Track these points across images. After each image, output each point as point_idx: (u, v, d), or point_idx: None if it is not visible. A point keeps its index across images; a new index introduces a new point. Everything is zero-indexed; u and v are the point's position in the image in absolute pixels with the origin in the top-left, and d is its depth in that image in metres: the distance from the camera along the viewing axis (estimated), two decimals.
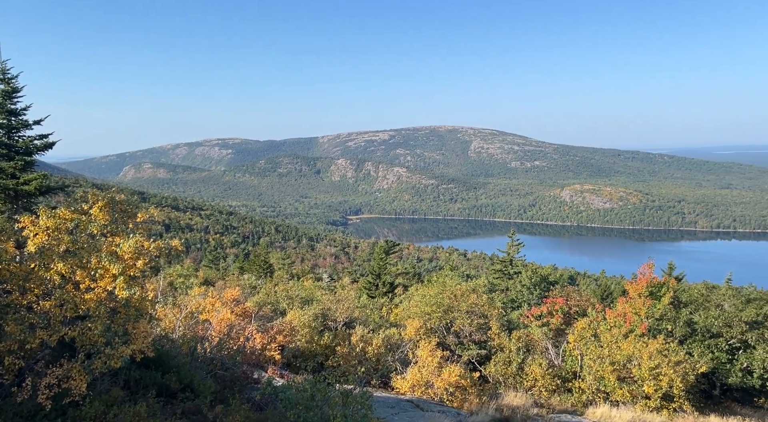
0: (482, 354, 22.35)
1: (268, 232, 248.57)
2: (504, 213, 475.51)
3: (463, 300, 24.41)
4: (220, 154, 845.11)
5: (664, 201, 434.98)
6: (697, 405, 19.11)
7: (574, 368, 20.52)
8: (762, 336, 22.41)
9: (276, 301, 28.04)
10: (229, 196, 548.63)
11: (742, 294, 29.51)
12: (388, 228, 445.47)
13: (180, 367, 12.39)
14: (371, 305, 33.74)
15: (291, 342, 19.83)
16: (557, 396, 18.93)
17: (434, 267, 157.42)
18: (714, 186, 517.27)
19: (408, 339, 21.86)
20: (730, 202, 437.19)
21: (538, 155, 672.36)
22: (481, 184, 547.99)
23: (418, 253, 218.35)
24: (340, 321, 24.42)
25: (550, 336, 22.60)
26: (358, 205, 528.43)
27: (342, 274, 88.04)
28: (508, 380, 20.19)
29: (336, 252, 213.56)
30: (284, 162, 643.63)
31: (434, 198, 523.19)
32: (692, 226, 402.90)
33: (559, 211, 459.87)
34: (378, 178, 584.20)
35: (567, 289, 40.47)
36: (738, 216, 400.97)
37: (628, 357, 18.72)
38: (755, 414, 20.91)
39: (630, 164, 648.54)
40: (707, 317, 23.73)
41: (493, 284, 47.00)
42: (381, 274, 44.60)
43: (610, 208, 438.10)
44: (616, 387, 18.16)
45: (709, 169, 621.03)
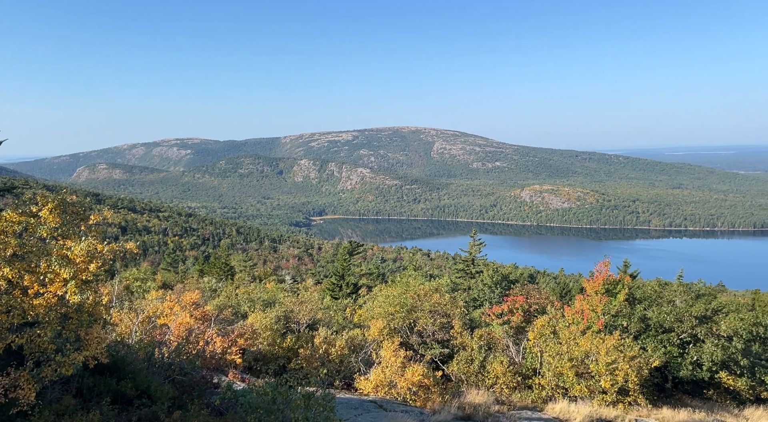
0: (445, 353, 22.53)
1: (229, 234, 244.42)
2: (466, 213, 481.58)
3: (426, 299, 24.56)
4: (179, 154, 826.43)
5: (620, 200, 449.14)
6: (651, 398, 19.75)
7: (534, 365, 20.92)
8: (710, 330, 23.35)
9: (237, 304, 27.58)
10: (188, 197, 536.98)
11: (692, 290, 30.74)
12: (352, 229, 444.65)
13: (136, 373, 12.03)
14: (335, 306, 33.58)
15: (252, 345, 19.53)
16: (518, 393, 19.25)
17: (398, 267, 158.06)
18: (666, 186, 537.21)
19: (372, 340, 21.84)
20: (681, 202, 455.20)
21: (498, 156, 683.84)
22: (444, 185, 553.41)
23: (382, 254, 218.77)
24: (303, 323, 24.20)
25: (510, 334, 22.97)
26: (322, 205, 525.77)
27: (305, 276, 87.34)
28: (470, 378, 20.41)
29: (299, 253, 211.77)
30: (245, 162, 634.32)
31: (398, 198, 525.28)
32: (646, 225, 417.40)
33: (520, 210, 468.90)
34: (342, 179, 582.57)
35: (527, 288, 41.27)
36: (688, 215, 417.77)
37: (586, 353, 19.19)
38: (704, 406, 21.78)
39: (587, 165, 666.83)
40: (660, 313, 24.56)
41: (455, 283, 47.46)
42: (345, 275, 44.45)
43: (568, 208, 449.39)
44: (575, 382, 18.60)
45: (661, 169, 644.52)
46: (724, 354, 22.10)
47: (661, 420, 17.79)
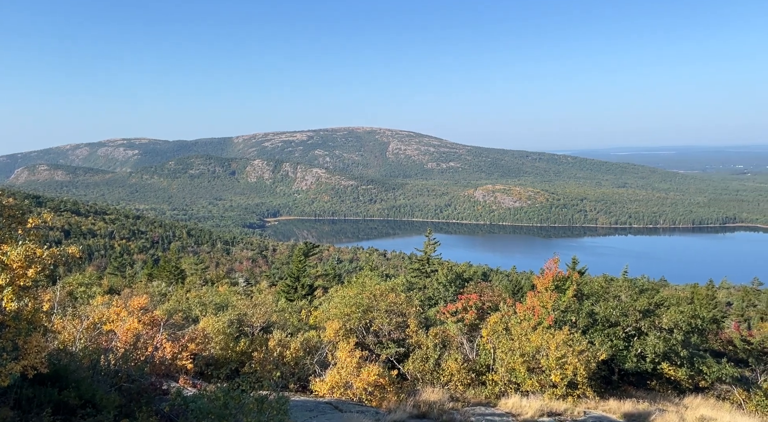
0: (401, 352, 22.65)
1: (179, 237, 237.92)
2: (422, 213, 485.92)
3: (382, 299, 24.62)
4: (126, 154, 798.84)
5: (568, 199, 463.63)
6: (598, 390, 20.45)
7: (487, 361, 21.30)
8: (653, 323, 24.41)
9: (188, 308, 26.87)
10: (136, 199, 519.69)
11: (636, 286, 32.02)
12: (307, 230, 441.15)
13: (80, 382, 11.53)
14: (290, 308, 33.20)
15: (204, 349, 19.08)
16: (472, 390, 19.56)
17: (354, 267, 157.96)
18: (612, 185, 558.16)
19: (327, 341, 21.72)
20: (626, 200, 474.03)
21: (452, 156, 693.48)
22: (400, 185, 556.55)
23: (338, 254, 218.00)
24: (257, 326, 23.81)
25: (465, 332, 23.29)
26: (276, 206, 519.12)
27: (260, 278, 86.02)
28: (425, 376, 20.59)
29: (253, 255, 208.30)
30: (196, 163, 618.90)
31: (354, 199, 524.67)
32: (593, 223, 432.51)
33: (473, 210, 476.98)
34: (296, 179, 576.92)
35: (480, 285, 41.95)
36: (633, 213, 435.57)
37: (537, 348, 19.67)
38: (648, 396, 22.76)
39: (537, 165, 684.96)
40: (606, 307, 25.49)
41: (411, 282, 47.75)
42: (300, 277, 44.03)
43: (519, 207, 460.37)
44: (526, 377, 19.05)
45: (607, 169, 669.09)
46: (666, 346, 23.15)
47: (608, 411, 18.46)
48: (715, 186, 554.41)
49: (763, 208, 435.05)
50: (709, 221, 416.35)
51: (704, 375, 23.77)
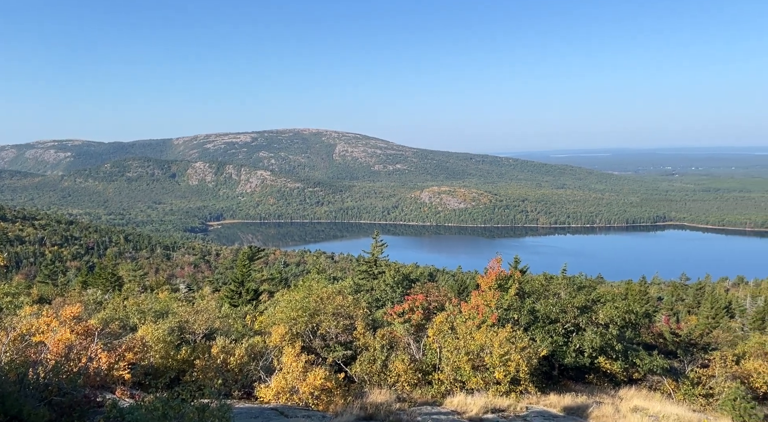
0: (348, 354, 22.56)
1: (116, 242, 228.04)
2: (369, 215, 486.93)
3: (330, 302, 24.45)
4: (57, 157, 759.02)
5: (511, 200, 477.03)
6: (540, 385, 21.08)
7: (433, 361, 21.56)
8: (590, 319, 25.42)
9: (125, 316, 25.75)
10: (69, 203, 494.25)
11: (575, 283, 33.31)
12: (252, 234, 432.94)
13: (5, 397, 10.82)
14: (234, 314, 32.44)
15: (143, 358, 18.33)
16: (419, 389, 19.72)
17: (302, 271, 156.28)
18: (551, 186, 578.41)
19: (273, 346, 21.35)
20: (565, 201, 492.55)
21: (399, 159, 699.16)
22: (347, 187, 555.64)
23: (284, 258, 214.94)
24: (199, 333, 23.10)
25: (411, 332, 23.48)
26: (220, 210, 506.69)
27: (202, 284, 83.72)
28: (373, 378, 20.59)
29: (195, 260, 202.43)
30: (134, 165, 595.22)
31: (300, 201, 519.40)
32: (534, 223, 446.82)
33: (420, 211, 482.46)
34: (241, 182, 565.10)
35: (427, 286, 42.42)
36: (571, 213, 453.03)
37: (481, 346, 20.06)
38: (586, 389, 23.67)
39: (481, 167, 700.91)
40: (547, 305, 26.33)
41: (358, 285, 47.71)
42: (244, 281, 43.11)
43: (464, 208, 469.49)
44: (471, 375, 19.39)
45: (547, 171, 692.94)
46: (602, 341, 24.15)
47: (549, 405, 19.08)
48: (647, 187, 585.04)
49: (689, 208, 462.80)
50: (641, 220, 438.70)
51: (637, 368, 24.94)
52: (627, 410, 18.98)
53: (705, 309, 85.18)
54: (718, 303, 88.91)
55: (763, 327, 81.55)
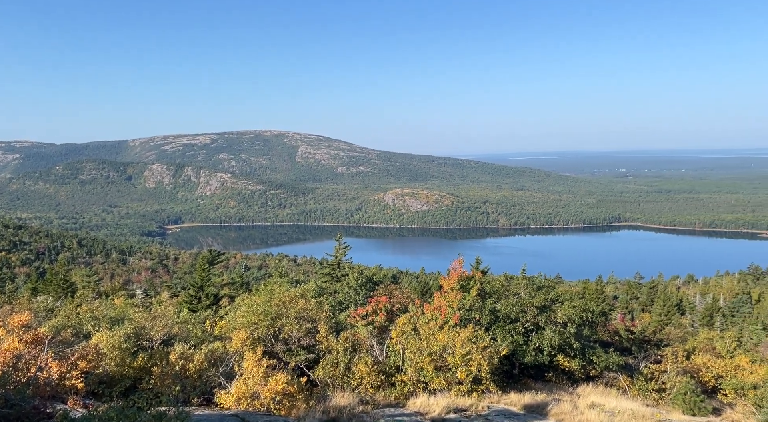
0: (311, 358, 22.37)
1: (69, 247, 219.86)
2: (332, 217, 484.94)
3: (292, 306, 24.20)
4: (5, 159, 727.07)
5: (472, 202, 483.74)
6: (501, 384, 21.40)
7: (396, 362, 21.61)
8: (549, 318, 25.98)
9: (79, 324, 24.83)
10: (17, 207, 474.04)
11: (534, 283, 33.98)
12: (212, 237, 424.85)
13: None
14: (193, 319, 31.72)
15: (97, 367, 17.70)
16: (382, 392, 19.72)
17: (263, 275, 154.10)
18: (511, 188, 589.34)
19: (234, 352, 20.98)
20: (524, 202, 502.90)
21: (362, 161, 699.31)
22: (310, 189, 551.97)
23: (246, 262, 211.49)
24: (157, 339, 22.47)
25: (375, 334, 23.48)
26: (178, 213, 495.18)
27: (160, 289, 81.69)
28: (336, 381, 20.48)
29: (153, 265, 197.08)
30: (87, 168, 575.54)
31: (262, 204, 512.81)
32: (495, 224, 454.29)
33: (383, 213, 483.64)
34: (200, 184, 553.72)
35: (390, 288, 42.58)
36: (530, 214, 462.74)
37: (444, 347, 20.23)
38: (545, 387, 24.18)
39: (443, 169, 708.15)
40: (507, 305, 26.79)
41: (321, 288, 47.41)
42: (204, 286, 42.23)
43: (427, 210, 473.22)
44: (434, 376, 19.52)
45: (507, 173, 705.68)
46: (561, 339, 24.72)
47: (510, 404, 19.39)
48: (602, 188, 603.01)
49: (643, 208, 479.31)
50: (597, 221, 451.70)
51: (594, 365, 25.63)
52: (584, 407, 19.48)
53: (658, 306, 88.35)
54: (669, 301, 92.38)
55: (711, 323, 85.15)
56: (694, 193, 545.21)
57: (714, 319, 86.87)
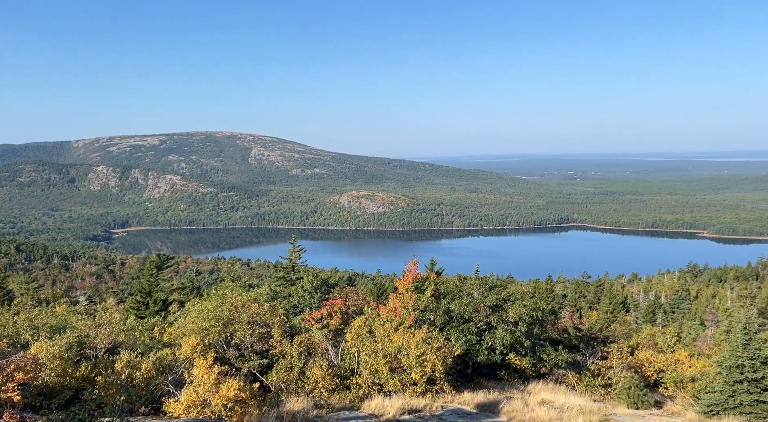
0: (264, 363, 22.04)
1: (6, 252, 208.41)
2: (287, 220, 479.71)
3: (245, 310, 23.78)
4: None
5: (427, 204, 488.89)
6: (455, 384, 21.68)
7: (352, 365, 21.55)
8: (501, 317, 26.52)
9: (16, 333, 23.55)
10: None
11: (487, 283, 34.69)
12: (161, 241, 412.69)
13: None
14: (141, 326, 30.68)
15: (36, 378, 16.84)
16: (337, 395, 19.62)
17: (215, 279, 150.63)
18: (465, 190, 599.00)
19: (184, 359, 20.40)
20: (478, 204, 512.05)
21: (317, 163, 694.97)
22: (264, 192, 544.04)
23: (197, 266, 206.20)
24: (101, 348, 21.61)
25: (330, 337, 23.35)
26: (125, 216, 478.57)
27: (106, 295, 78.69)
28: (290, 386, 20.24)
29: (98, 271, 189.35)
30: (27, 169, 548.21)
31: (213, 207, 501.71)
32: (449, 226, 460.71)
33: (339, 216, 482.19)
34: (148, 187, 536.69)
35: (346, 290, 42.45)
36: (483, 216, 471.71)
37: (399, 348, 20.31)
38: (498, 386, 24.63)
39: (398, 171, 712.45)
40: (461, 305, 27.16)
41: (275, 291, 46.78)
42: (152, 291, 40.92)
43: (383, 212, 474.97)
44: (389, 378, 19.57)
45: (461, 175, 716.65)
46: (512, 338, 25.26)
47: (463, 403, 19.66)
48: (552, 190, 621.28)
49: (590, 209, 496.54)
50: (547, 222, 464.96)
51: (544, 363, 26.32)
52: (535, 404, 19.96)
53: (604, 304, 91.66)
54: (615, 298, 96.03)
55: (653, 319, 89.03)
56: (638, 194, 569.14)
57: (656, 316, 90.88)
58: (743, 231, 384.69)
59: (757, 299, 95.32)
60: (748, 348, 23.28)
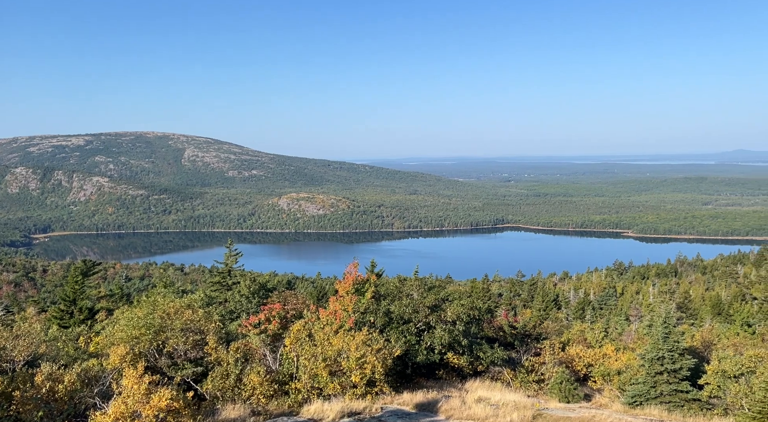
0: (198, 371, 21.33)
1: None
2: (223, 223, 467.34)
3: (178, 317, 22.94)
4: None
5: (368, 206, 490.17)
6: (394, 385, 21.80)
7: (291, 370, 21.23)
8: (440, 317, 26.93)
9: None
10: None
11: (426, 284, 35.04)
12: (88, 246, 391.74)
13: None
14: (64, 336, 28.98)
15: None
16: (275, 401, 19.27)
17: (146, 285, 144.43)
18: (405, 192, 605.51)
19: (112, 369, 19.43)
20: (417, 206, 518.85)
21: (255, 164, 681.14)
22: (198, 194, 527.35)
23: (126, 272, 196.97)
24: (19, 360, 20.20)
25: (268, 343, 22.92)
26: (47, 221, 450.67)
27: (25, 304, 73.85)
28: (226, 393, 19.71)
29: (16, 278, 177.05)
30: None
31: (144, 210, 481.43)
32: (390, 227, 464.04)
33: (278, 218, 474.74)
34: (73, 190, 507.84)
35: (285, 294, 41.68)
36: (423, 217, 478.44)
37: (339, 351, 20.21)
38: (436, 385, 25.00)
39: (338, 173, 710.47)
40: (400, 306, 27.37)
41: (211, 297, 45.37)
42: (77, 300, 38.72)
43: (323, 214, 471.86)
44: (329, 381, 19.43)
45: (400, 177, 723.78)
46: (450, 337, 25.72)
47: (402, 404, 19.80)
48: (488, 192, 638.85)
49: (523, 211, 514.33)
50: (483, 223, 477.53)
51: (481, 360, 26.97)
52: (472, 401, 20.39)
53: (537, 302, 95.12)
54: (547, 297, 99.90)
55: (583, 316, 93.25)
56: (568, 196, 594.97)
57: (585, 312, 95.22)
58: (663, 231, 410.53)
59: (676, 294, 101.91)
60: (668, 341, 24.81)
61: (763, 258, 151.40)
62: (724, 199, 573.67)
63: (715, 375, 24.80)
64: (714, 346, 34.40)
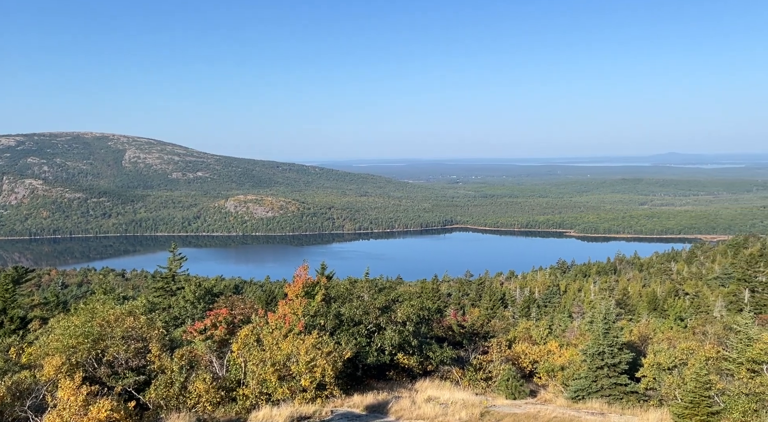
0: (140, 380, 20.56)
1: None
2: (167, 226, 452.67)
3: (118, 325, 22.04)
4: None
5: (318, 208, 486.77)
6: (345, 388, 21.71)
7: (238, 376, 20.79)
8: (390, 318, 27.05)
9: None
10: None
11: (377, 285, 35.14)
12: (20, 252, 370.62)
13: None
14: None
15: None
16: (222, 408, 18.83)
17: (85, 292, 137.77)
18: (355, 194, 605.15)
19: (46, 381, 18.45)
20: (368, 207, 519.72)
21: (200, 166, 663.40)
22: (140, 197, 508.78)
23: (63, 278, 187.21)
24: None
25: (214, 349, 22.37)
26: None
27: None
28: (170, 402, 19.08)
29: None
30: None
31: (82, 213, 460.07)
32: (340, 229, 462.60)
33: (225, 221, 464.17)
34: (3, 193, 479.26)
35: (232, 299, 40.84)
36: (373, 219, 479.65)
37: (288, 355, 19.94)
38: (387, 386, 25.08)
39: (288, 175, 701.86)
40: (351, 308, 27.31)
41: (154, 303, 43.80)
42: (7, 309, 36.53)
43: (272, 217, 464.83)
44: (278, 386, 19.13)
45: (351, 179, 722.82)
46: (401, 338, 25.88)
47: (353, 406, 19.75)
48: (437, 194, 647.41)
49: (471, 212, 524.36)
50: (433, 224, 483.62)
51: (431, 360, 27.27)
52: (422, 401, 20.58)
53: (485, 301, 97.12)
54: (495, 295, 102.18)
55: (528, 313, 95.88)
56: (513, 197, 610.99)
57: (531, 310, 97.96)
58: (603, 230, 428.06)
59: (615, 291, 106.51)
60: (608, 336, 25.86)
61: (694, 256, 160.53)
62: (659, 199, 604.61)
63: (650, 368, 26.02)
64: (650, 340, 36.15)
